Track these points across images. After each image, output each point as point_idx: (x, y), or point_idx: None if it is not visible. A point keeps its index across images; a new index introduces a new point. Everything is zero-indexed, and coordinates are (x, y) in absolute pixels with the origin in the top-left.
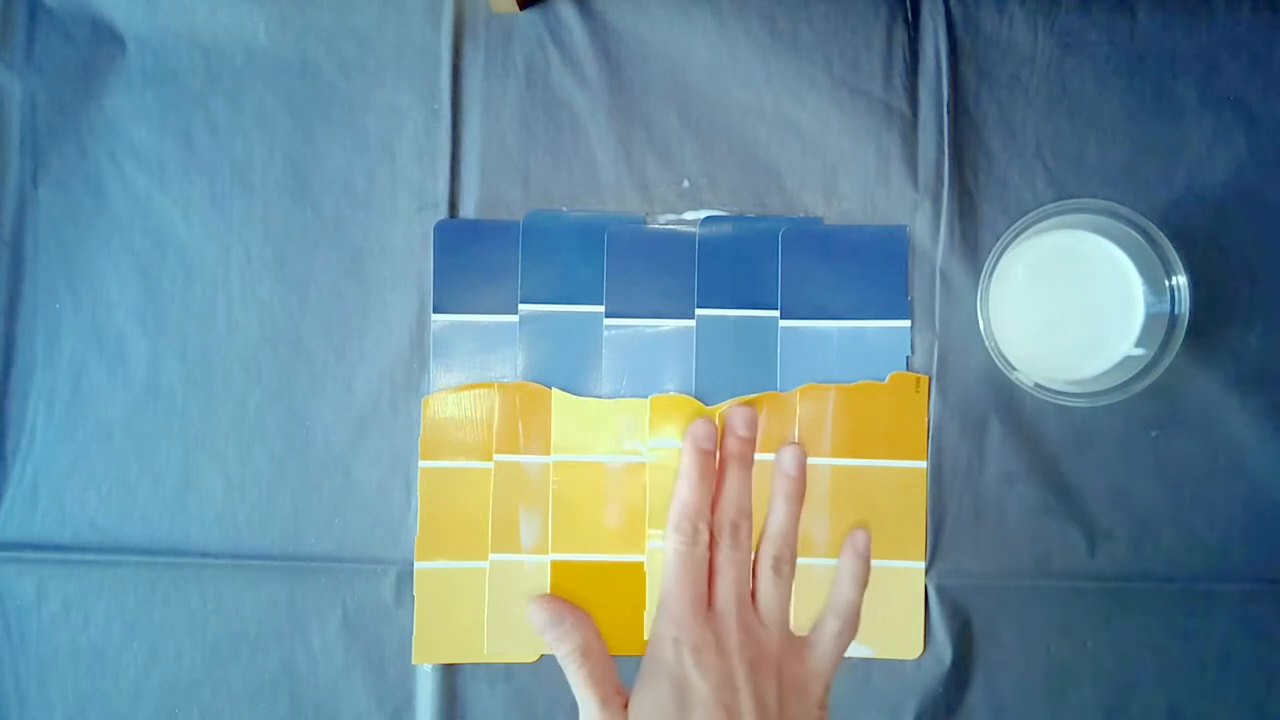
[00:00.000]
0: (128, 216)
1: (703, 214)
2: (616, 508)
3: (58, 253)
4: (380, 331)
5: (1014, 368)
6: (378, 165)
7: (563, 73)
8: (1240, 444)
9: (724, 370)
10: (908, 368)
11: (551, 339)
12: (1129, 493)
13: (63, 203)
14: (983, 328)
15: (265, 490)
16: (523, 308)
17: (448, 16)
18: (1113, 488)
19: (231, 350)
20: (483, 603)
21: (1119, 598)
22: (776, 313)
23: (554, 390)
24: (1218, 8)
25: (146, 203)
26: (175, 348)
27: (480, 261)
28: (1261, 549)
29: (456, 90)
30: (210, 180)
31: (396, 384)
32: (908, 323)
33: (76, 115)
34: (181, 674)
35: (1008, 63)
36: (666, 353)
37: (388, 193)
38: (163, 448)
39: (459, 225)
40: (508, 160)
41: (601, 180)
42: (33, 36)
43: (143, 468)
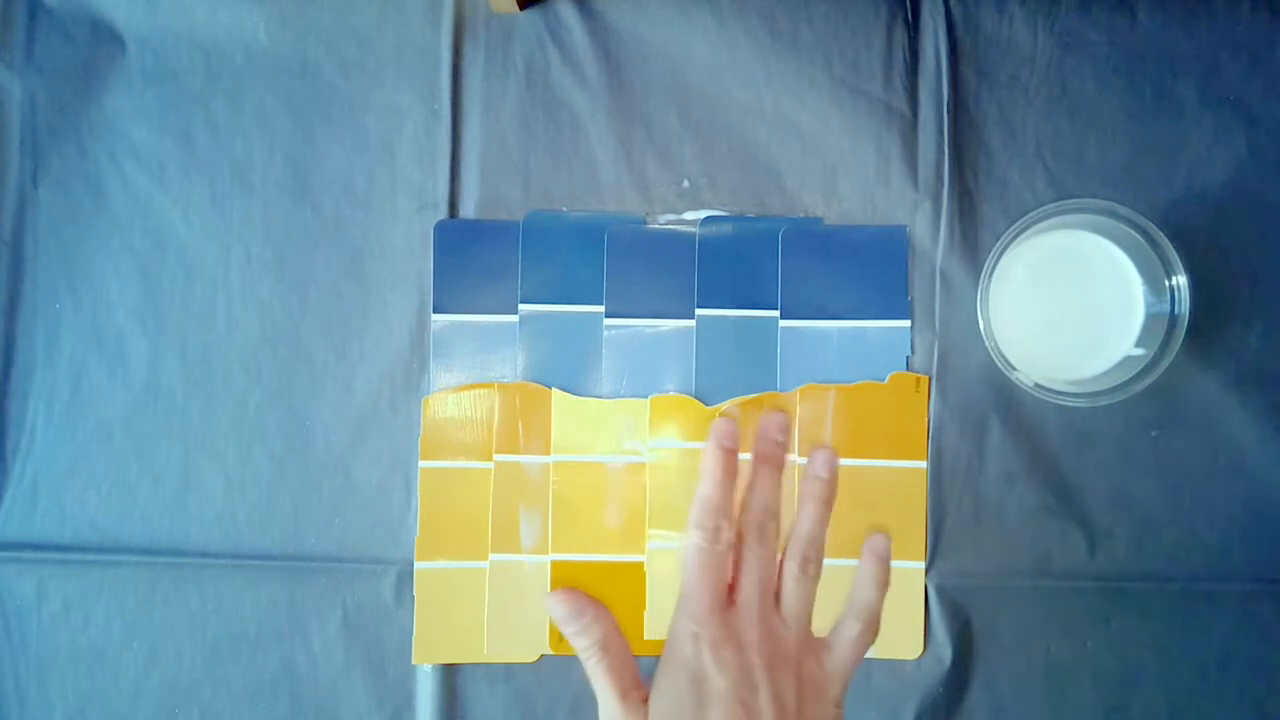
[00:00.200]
0: (128, 216)
1: (703, 214)
2: (616, 508)
3: (58, 253)
4: (380, 331)
5: (1014, 368)
6: (378, 165)
7: (563, 73)
8: (1240, 444)
9: (724, 370)
10: (908, 368)
11: (551, 339)
12: (1129, 493)
13: (63, 203)
14: (983, 328)
15: (265, 490)
16: (523, 308)
17: (448, 16)
18: (1113, 488)
19: (231, 350)
20: (483, 603)
21: (1119, 598)
22: (776, 313)
23: (554, 390)
24: (1218, 8)
25: (146, 203)
26: (175, 348)
27: (480, 261)
28: (1261, 549)
29: (456, 90)
30: (210, 180)
31: (396, 384)
32: (908, 323)
33: (76, 115)
34: (181, 674)
35: (1008, 63)
36: (666, 353)
37: (388, 193)
38: (163, 448)
39: (459, 225)
40: (508, 160)
41: (601, 180)
42: (33, 36)
43: (143, 468)
